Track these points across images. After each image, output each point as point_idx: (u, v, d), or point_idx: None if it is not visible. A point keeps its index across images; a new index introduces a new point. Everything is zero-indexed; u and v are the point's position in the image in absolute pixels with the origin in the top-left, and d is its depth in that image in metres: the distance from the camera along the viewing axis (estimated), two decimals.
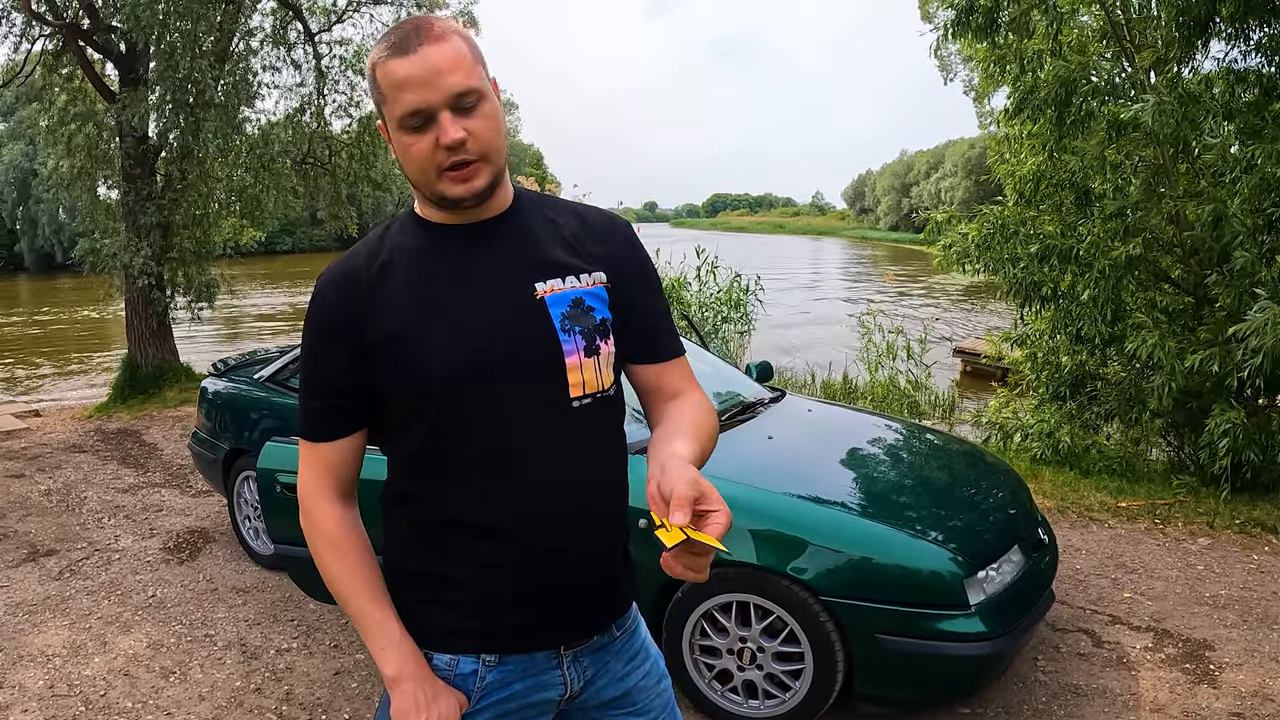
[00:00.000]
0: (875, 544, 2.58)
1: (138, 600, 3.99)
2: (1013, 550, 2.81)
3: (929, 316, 14.35)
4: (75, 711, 3.06)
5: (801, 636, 2.57)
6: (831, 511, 2.65)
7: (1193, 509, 4.65)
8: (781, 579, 2.56)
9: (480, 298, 1.20)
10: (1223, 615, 3.53)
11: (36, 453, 6.67)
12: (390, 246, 1.22)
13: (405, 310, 1.18)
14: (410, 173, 1.16)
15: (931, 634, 2.49)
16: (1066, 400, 5.95)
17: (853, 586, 2.53)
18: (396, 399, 1.20)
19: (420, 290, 1.19)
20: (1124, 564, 4.08)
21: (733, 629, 2.69)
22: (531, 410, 1.19)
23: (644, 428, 1.42)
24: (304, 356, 1.24)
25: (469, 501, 1.19)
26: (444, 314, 1.18)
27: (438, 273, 1.20)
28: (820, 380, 9.42)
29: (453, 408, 1.17)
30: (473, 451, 1.18)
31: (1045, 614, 2.85)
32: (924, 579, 2.53)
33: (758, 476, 2.81)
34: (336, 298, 1.19)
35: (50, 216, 35.59)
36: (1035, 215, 5.58)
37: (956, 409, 8.66)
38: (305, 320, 1.23)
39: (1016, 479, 3.42)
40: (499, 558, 1.19)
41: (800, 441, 3.29)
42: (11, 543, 4.73)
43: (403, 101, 1.10)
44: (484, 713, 1.23)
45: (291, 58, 10.28)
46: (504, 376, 1.18)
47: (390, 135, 1.16)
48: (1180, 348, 4.50)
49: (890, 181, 68.46)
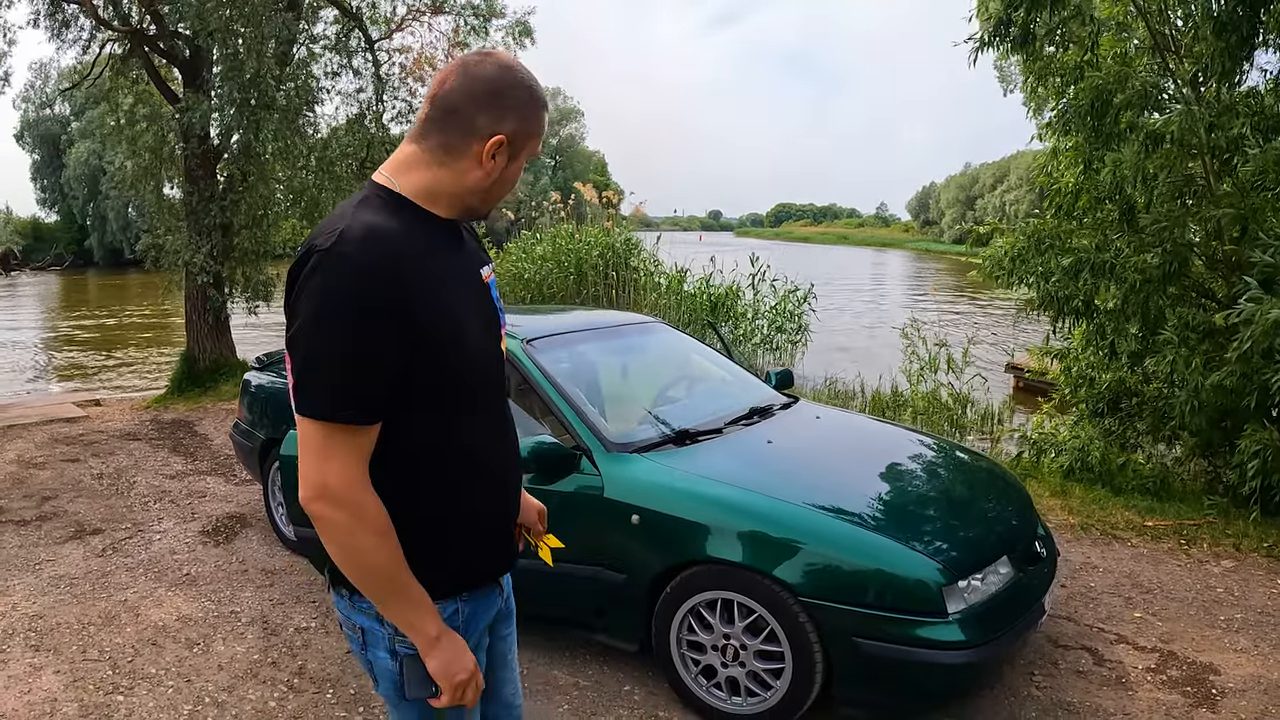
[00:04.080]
0: (855, 547, 2.61)
1: (173, 578, 4.22)
2: (1000, 561, 2.80)
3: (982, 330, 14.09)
4: (103, 674, 3.28)
5: (781, 636, 2.62)
6: (814, 514, 2.68)
7: (1221, 530, 4.52)
8: (762, 578, 2.61)
9: (473, 289, 1.45)
10: (1234, 640, 3.45)
11: (93, 439, 7.03)
12: (406, 230, 1.32)
13: (449, 303, 1.35)
14: (496, 192, 1.39)
15: (908, 640, 2.51)
16: (1104, 416, 5.82)
17: (831, 588, 2.57)
18: (435, 384, 1.34)
19: (450, 286, 1.37)
20: (1140, 583, 4.00)
21: (717, 626, 2.75)
22: (502, 378, 1.51)
23: None
24: (336, 333, 1.23)
25: (481, 453, 1.43)
26: (470, 310, 1.41)
27: (452, 266, 1.40)
28: (870, 391, 9.34)
29: (479, 390, 1.42)
30: (483, 418, 1.44)
31: (1033, 628, 2.84)
32: (902, 584, 2.55)
33: (747, 478, 2.87)
34: (386, 273, 1.24)
35: (118, 213, 36.60)
36: (1073, 229, 5.49)
37: (1000, 423, 8.50)
38: (334, 294, 1.22)
39: (1018, 490, 3.40)
40: (500, 505, 1.49)
41: (799, 446, 3.33)
42: (61, 521, 5.03)
43: (535, 147, 1.39)
44: (468, 639, 1.44)
45: (352, 65, 10.66)
46: (496, 355, 1.48)
47: (514, 160, 1.37)
48: (1208, 365, 4.38)
49: (955, 194, 67.23)
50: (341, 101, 11.20)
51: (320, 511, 1.27)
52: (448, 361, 1.33)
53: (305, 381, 1.26)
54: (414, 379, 1.29)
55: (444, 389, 1.34)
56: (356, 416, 1.25)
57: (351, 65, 10.51)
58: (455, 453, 1.39)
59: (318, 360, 1.24)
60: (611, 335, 4.05)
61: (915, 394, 8.36)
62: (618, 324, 4.21)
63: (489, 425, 1.45)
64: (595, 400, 3.31)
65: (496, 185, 1.37)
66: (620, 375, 3.91)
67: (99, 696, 3.12)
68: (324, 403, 1.24)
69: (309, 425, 1.26)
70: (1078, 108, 4.93)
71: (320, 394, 1.24)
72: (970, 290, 26.62)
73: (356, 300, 1.22)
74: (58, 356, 15.35)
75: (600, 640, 3.07)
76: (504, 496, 1.50)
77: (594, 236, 11.83)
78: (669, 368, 4.01)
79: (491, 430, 1.46)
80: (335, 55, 10.49)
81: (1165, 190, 4.57)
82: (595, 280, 11.67)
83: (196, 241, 8.93)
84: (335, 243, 1.24)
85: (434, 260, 1.33)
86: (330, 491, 1.25)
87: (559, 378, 3.20)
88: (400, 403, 1.30)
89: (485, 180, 1.35)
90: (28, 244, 39.72)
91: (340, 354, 1.23)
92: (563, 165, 60.82)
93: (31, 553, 4.55)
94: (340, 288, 1.22)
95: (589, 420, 3.05)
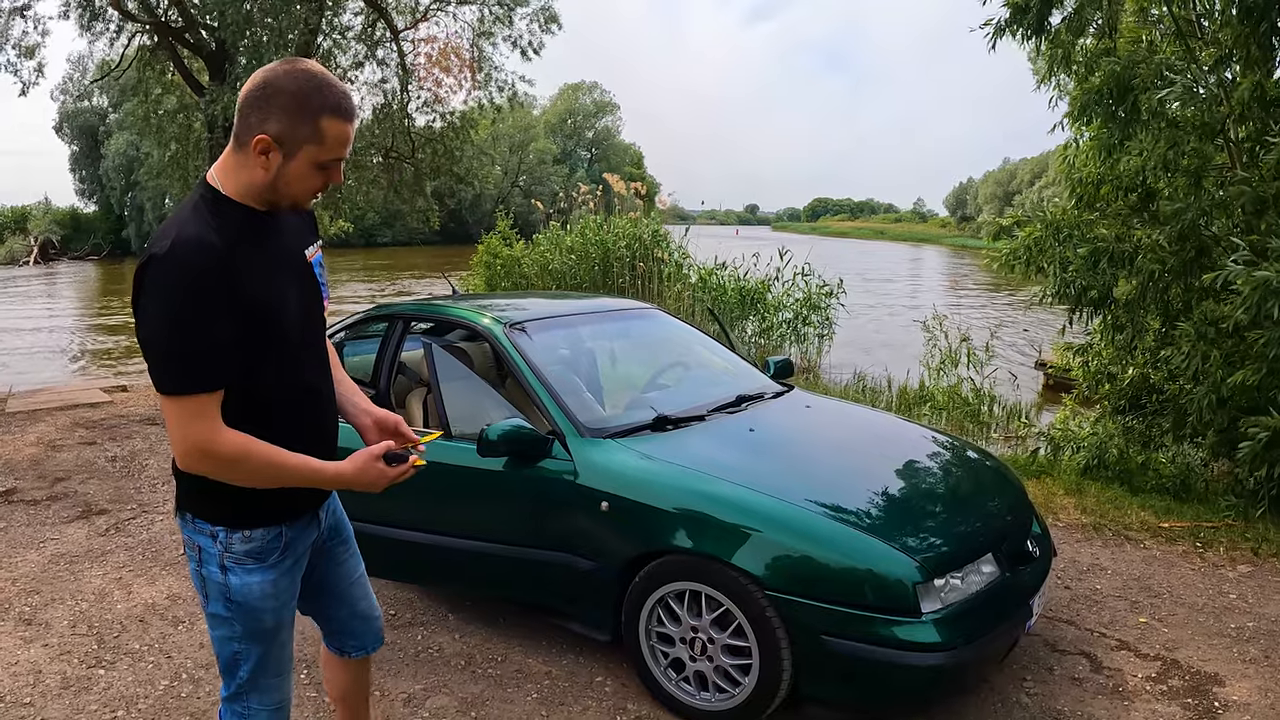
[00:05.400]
0: (825, 540, 2.50)
1: (169, 557, 4.25)
2: (984, 560, 2.68)
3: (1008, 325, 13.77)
4: (89, 648, 3.33)
5: (748, 630, 2.53)
6: (784, 505, 2.58)
7: (1239, 534, 4.32)
8: (727, 569, 2.52)
9: (292, 268, 1.68)
10: (1243, 649, 3.28)
11: (113, 424, 7.15)
12: (221, 227, 1.52)
13: (262, 282, 1.57)
14: (285, 189, 1.55)
15: (878, 639, 2.40)
16: (1126, 414, 5.61)
17: (799, 582, 2.47)
18: (260, 351, 1.58)
19: (264, 268, 1.59)
20: (1149, 587, 3.83)
21: (685, 618, 2.67)
22: (318, 340, 1.78)
23: None
24: (173, 324, 1.46)
25: (302, 405, 1.70)
26: (286, 286, 1.65)
27: (266, 251, 1.60)
28: (897, 386, 9.17)
29: (300, 350, 1.69)
30: (304, 375, 1.71)
31: (1018, 631, 2.71)
32: (873, 581, 2.44)
33: (720, 465, 2.78)
34: (209, 270, 1.46)
35: (155, 203, 37.00)
36: (1094, 219, 5.29)
37: (1025, 420, 8.27)
38: (169, 291, 1.45)
39: (1013, 485, 3.26)
40: (319, 448, 1.69)
41: (782, 435, 3.23)
42: (70, 501, 5.11)
43: (322, 153, 1.52)
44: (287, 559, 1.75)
45: (376, 55, 10.71)
46: (316, 321, 1.76)
47: (290, 159, 1.51)
48: (1228, 361, 4.18)
49: (992, 189, 66.11)
50: (368, 92, 11.26)
51: (201, 468, 1.53)
52: (267, 330, 1.57)
53: (157, 367, 1.49)
54: (243, 346, 1.53)
55: (265, 352, 1.58)
56: (201, 382, 1.48)
57: (375, 56, 10.57)
58: (280, 404, 1.64)
59: (162, 348, 1.47)
60: (603, 321, 3.99)
61: (936, 388, 8.17)
62: (611, 310, 4.14)
63: (309, 381, 1.72)
64: (576, 385, 3.25)
65: (281, 182, 1.53)
66: (608, 361, 3.84)
67: (82, 670, 3.17)
68: (174, 380, 1.47)
69: (170, 402, 1.48)
70: (1097, 93, 4.74)
71: (171, 376, 1.48)
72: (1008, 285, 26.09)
73: (185, 294, 1.44)
74: (92, 343, 15.72)
75: (575, 629, 3.01)
76: (323, 440, 1.74)
77: (621, 228, 11.77)
78: (660, 354, 3.93)
79: (310, 385, 1.72)
80: (360, 45, 10.55)
81: (1184, 176, 4.36)
82: (621, 272, 11.63)
83: None
84: (173, 242, 1.45)
85: (244, 249, 1.53)
86: (200, 450, 1.50)
87: (537, 362, 3.14)
88: (236, 365, 1.53)
89: (267, 177, 1.52)
90: (66, 233, 40.21)
91: (179, 340, 1.46)
92: (599, 158, 60.85)
93: (38, 531, 4.63)
94: (171, 286, 1.44)
95: (563, 404, 2.98)
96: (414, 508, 3.15)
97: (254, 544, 1.67)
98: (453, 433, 3.07)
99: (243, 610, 1.69)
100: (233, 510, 1.65)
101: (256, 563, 1.68)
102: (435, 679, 3.07)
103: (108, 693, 3.02)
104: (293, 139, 1.48)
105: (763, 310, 11.41)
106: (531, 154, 53.10)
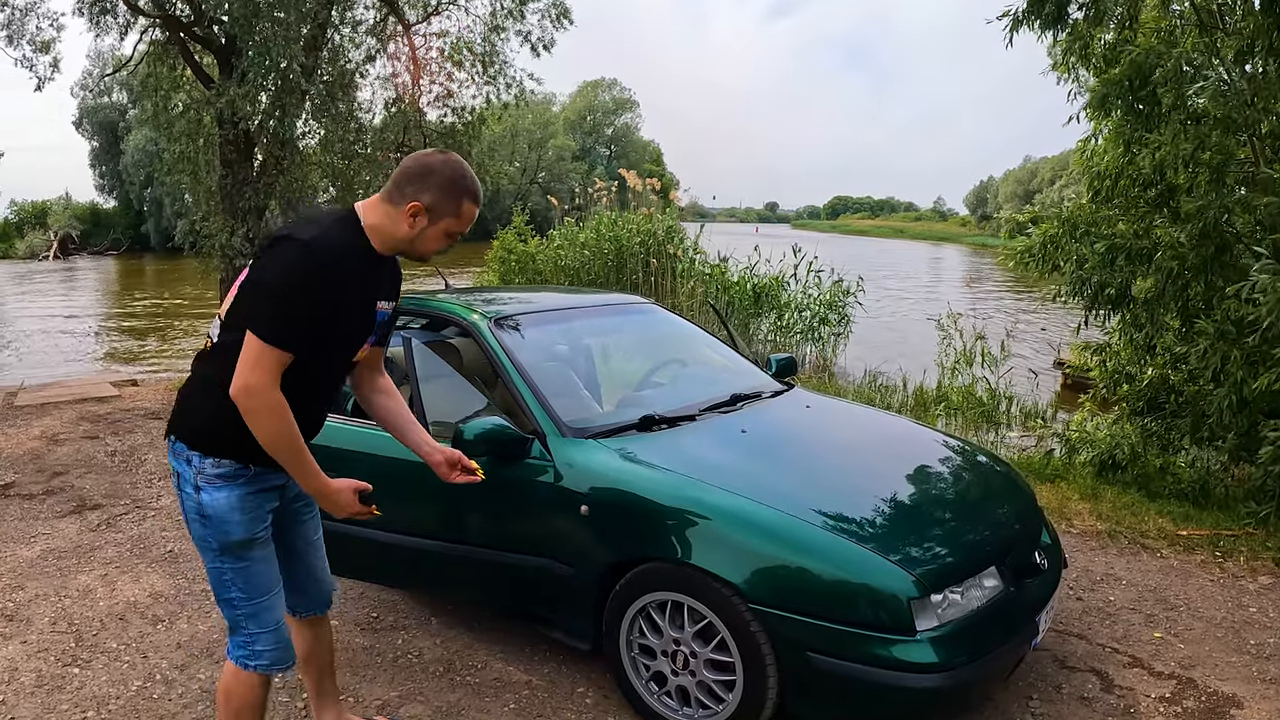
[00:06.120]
0: (814, 551, 2.35)
1: (156, 554, 4.19)
2: (986, 573, 2.52)
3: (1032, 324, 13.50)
4: (66, 645, 3.28)
5: (731, 645, 2.40)
6: (770, 510, 2.44)
7: (1261, 543, 4.13)
8: (710, 579, 2.39)
9: (366, 305, 2.04)
10: (1263, 668, 3.10)
11: (118, 418, 7.12)
12: (350, 249, 1.92)
13: (347, 303, 1.95)
14: (423, 247, 1.97)
15: (869, 659, 2.25)
16: (1144, 415, 5.41)
17: (784, 595, 2.33)
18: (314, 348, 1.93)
19: (355, 294, 1.97)
20: (1165, 599, 3.66)
21: (666, 630, 2.54)
22: (346, 363, 2.12)
23: None
24: (286, 292, 1.83)
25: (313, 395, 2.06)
26: (353, 316, 2.01)
27: (362, 283, 1.99)
28: (913, 386, 9.00)
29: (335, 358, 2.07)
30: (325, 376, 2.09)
31: (1023, 649, 2.55)
32: (866, 595, 2.29)
33: (706, 468, 2.64)
34: (327, 268, 1.86)
35: (173, 199, 37.00)
36: (1111, 214, 5.10)
37: (1042, 421, 8.07)
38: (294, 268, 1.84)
39: (1022, 492, 3.09)
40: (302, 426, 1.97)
41: (776, 436, 3.08)
42: (65, 496, 5.06)
43: (456, 225, 1.95)
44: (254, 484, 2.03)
45: (387, 50, 10.63)
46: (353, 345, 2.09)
47: (432, 225, 1.94)
48: (1249, 361, 3.98)
49: (1013, 188, 65.34)
50: (380, 86, 11.19)
51: (244, 403, 1.85)
52: (328, 334, 1.93)
53: (260, 313, 1.84)
54: (313, 336, 1.89)
55: (318, 350, 1.93)
56: (286, 344, 1.84)
57: (387, 50, 10.48)
58: (301, 391, 1.93)
59: (271, 303, 1.84)
60: (597, 316, 3.86)
61: (950, 388, 7.99)
62: (605, 304, 4.00)
63: (324, 388, 2.10)
64: (561, 383, 3.12)
65: (420, 240, 1.95)
66: (600, 357, 3.71)
67: (57, 668, 3.12)
68: (269, 331, 1.82)
69: (254, 342, 1.82)
70: (1117, 85, 4.54)
71: (268, 324, 1.83)
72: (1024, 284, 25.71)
73: (308, 277, 1.83)
74: (108, 338, 15.80)
75: (557, 637, 2.89)
76: (308, 420, 2.03)
77: (635, 223, 11.67)
78: (655, 350, 3.79)
79: (323, 391, 2.10)
80: (372, 39, 10.47)
81: (1205, 172, 4.17)
82: (634, 268, 11.54)
83: (231, 225, 9.00)
84: (313, 238, 1.85)
85: (355, 271, 1.93)
86: (252, 390, 1.83)
87: (522, 358, 3.02)
88: (307, 346, 1.89)
89: (410, 234, 1.93)
90: (86, 229, 40.25)
91: (287, 305, 1.83)
92: (618, 155, 60.66)
93: (31, 526, 4.58)
94: (299, 266, 1.83)
95: (545, 403, 2.86)
96: (392, 508, 3.05)
97: (223, 469, 1.97)
98: (430, 430, 2.96)
99: (214, 524, 1.97)
100: (209, 440, 1.96)
101: (225, 482, 1.97)
102: (412, 685, 2.96)
103: (80, 692, 2.97)
104: (439, 211, 1.91)
105: (778, 308, 11.28)
106: (550, 151, 52.97)
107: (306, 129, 8.63)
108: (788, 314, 11.12)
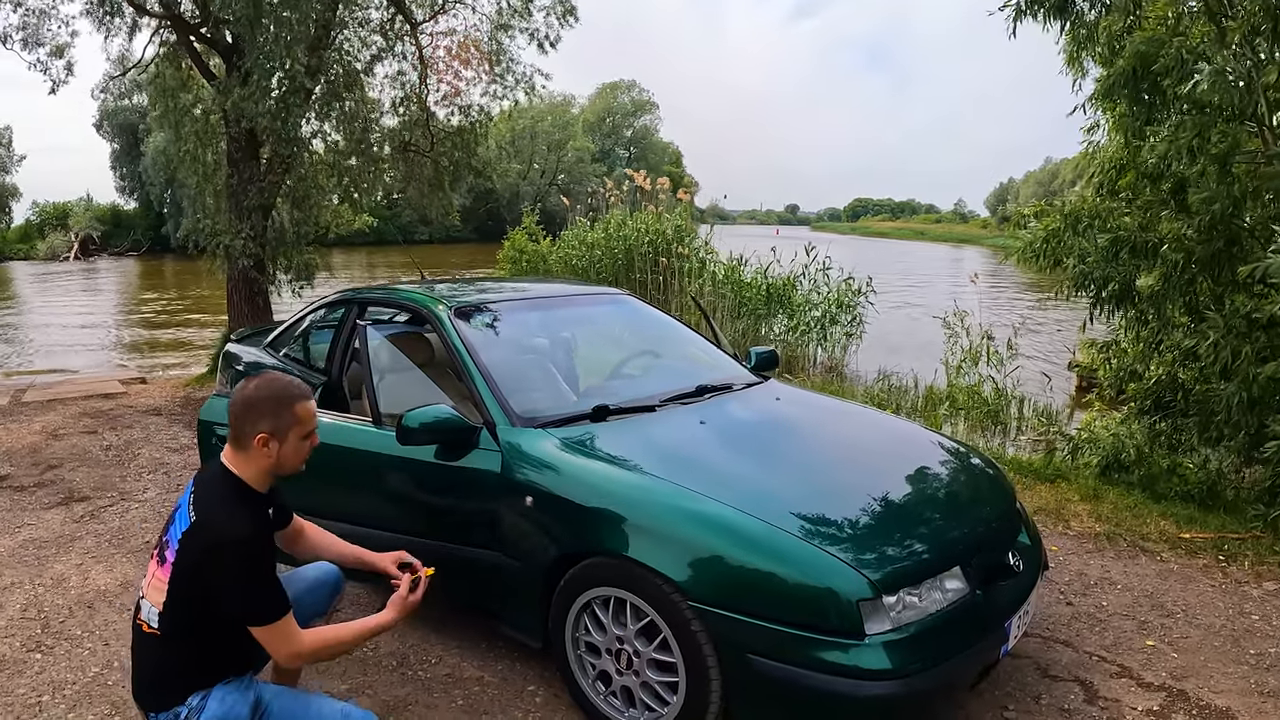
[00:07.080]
0: (759, 547, 2.22)
1: (133, 544, 4.18)
2: (949, 574, 2.38)
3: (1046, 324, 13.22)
4: (32, 632, 3.29)
5: (673, 644, 2.28)
6: (715, 504, 2.32)
7: (1268, 547, 3.93)
8: (650, 574, 2.27)
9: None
10: (1262, 680, 2.92)
11: (119, 414, 7.15)
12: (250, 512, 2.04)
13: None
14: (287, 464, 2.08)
15: (813, 663, 2.11)
16: (1151, 414, 5.21)
17: (725, 593, 2.20)
18: None
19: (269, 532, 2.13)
20: (1161, 605, 3.48)
21: (610, 627, 2.43)
22: None
23: None
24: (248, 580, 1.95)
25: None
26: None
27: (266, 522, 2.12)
28: (924, 385, 8.81)
29: None
30: None
31: (990, 656, 2.40)
32: (811, 595, 2.15)
33: (655, 459, 2.53)
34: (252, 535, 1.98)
35: (192, 200, 37.48)
36: (1116, 207, 4.92)
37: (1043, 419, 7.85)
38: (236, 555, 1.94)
39: (1001, 489, 2.94)
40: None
41: (737, 428, 2.96)
42: (55, 488, 5.07)
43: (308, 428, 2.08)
44: None
45: (393, 50, 10.61)
46: None
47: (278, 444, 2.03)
48: (1260, 357, 3.79)
49: (1034, 189, 64.45)
50: (388, 85, 11.18)
51: (302, 664, 2.18)
52: None
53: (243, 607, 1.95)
54: None
55: None
56: (283, 610, 1.98)
57: (393, 50, 10.47)
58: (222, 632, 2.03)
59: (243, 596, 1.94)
60: (569, 306, 3.77)
61: (956, 387, 7.80)
62: (579, 294, 3.91)
63: None
64: (517, 372, 3.03)
65: (282, 460, 2.06)
66: (569, 348, 3.61)
67: (21, 653, 3.13)
68: (265, 614, 1.96)
69: (263, 631, 1.97)
70: (1120, 75, 4.37)
71: (257, 610, 1.96)
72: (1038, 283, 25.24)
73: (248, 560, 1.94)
74: (124, 337, 15.98)
75: (507, 633, 2.80)
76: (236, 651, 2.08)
77: (644, 223, 11.59)
78: (625, 341, 3.70)
79: None
80: (379, 38, 10.47)
81: (1212, 162, 3.98)
82: (643, 267, 11.45)
83: (236, 224, 9.02)
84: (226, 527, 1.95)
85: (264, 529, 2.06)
86: (300, 655, 2.03)
87: (478, 347, 2.93)
88: None
89: (273, 460, 2.05)
90: (107, 229, 40.76)
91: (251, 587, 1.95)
92: (637, 157, 60.57)
93: (17, 516, 4.59)
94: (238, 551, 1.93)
95: (497, 391, 2.77)
96: (345, 498, 2.98)
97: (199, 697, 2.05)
98: (382, 419, 2.89)
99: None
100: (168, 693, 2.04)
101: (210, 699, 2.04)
102: (363, 679, 2.89)
103: (39, 677, 2.97)
104: (282, 428, 2.03)
105: (789, 308, 11.13)
106: (570, 153, 53.04)
107: (313, 129, 8.61)
108: (798, 314, 10.96)
